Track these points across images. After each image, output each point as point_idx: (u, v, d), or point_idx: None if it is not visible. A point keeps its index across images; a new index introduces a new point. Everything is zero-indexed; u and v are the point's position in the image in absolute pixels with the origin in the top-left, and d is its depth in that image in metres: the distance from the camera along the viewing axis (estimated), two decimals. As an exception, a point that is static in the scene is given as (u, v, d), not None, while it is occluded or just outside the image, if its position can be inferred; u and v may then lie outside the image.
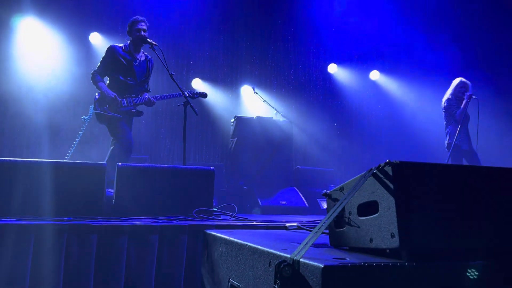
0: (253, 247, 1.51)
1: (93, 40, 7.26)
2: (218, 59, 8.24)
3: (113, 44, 4.72)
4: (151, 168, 3.77)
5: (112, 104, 4.53)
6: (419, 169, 1.24)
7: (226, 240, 1.83)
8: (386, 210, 1.21)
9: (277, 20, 8.55)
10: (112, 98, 4.52)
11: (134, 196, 3.43)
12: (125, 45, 4.69)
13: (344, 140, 8.81)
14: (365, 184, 1.32)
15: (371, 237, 1.28)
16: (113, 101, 4.52)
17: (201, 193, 3.63)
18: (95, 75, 4.61)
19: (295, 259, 1.17)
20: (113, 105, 4.54)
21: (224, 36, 8.26)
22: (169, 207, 3.47)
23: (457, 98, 5.87)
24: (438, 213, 1.21)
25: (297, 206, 5.83)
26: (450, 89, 5.99)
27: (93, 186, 3.33)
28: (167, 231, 2.68)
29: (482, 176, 1.31)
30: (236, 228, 2.79)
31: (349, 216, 1.42)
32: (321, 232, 1.24)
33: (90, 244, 2.49)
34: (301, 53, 8.73)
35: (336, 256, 1.23)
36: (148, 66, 4.79)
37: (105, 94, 4.53)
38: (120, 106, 4.57)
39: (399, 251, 1.17)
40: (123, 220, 2.95)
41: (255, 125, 6.51)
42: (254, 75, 8.41)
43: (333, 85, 8.86)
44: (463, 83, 5.88)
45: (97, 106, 4.57)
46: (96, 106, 4.58)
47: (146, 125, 7.41)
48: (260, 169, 6.36)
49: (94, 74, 4.62)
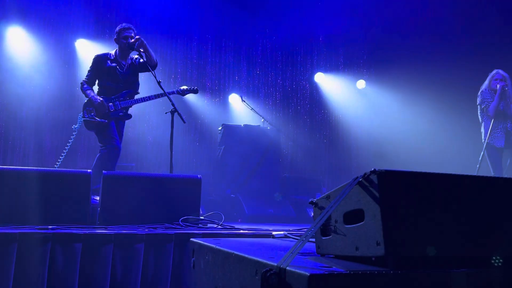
0: (240, 255, 1.51)
1: (79, 46, 7.22)
2: (206, 67, 8.25)
3: (98, 54, 4.75)
4: (137, 176, 3.74)
5: (99, 109, 4.53)
6: (404, 177, 1.25)
7: (212, 248, 1.83)
8: (372, 218, 1.22)
9: (264, 29, 8.60)
10: (99, 103, 4.52)
11: (120, 205, 3.40)
12: (111, 54, 4.71)
13: (331, 148, 8.86)
14: (351, 193, 1.33)
15: (357, 245, 1.29)
16: (100, 105, 4.52)
17: (188, 201, 3.62)
18: (83, 84, 4.67)
19: (282, 267, 1.17)
20: (100, 110, 4.53)
21: (212, 44, 8.28)
22: (156, 216, 3.45)
23: (491, 91, 5.24)
24: (423, 222, 1.23)
25: (284, 215, 5.84)
26: (485, 82, 5.35)
27: (78, 194, 3.29)
28: (153, 239, 2.66)
29: (468, 185, 1.33)
30: (223, 236, 2.78)
31: (335, 224, 1.43)
32: (307, 240, 1.24)
33: (75, 253, 2.46)
34: (288, 62, 8.79)
35: (323, 265, 1.24)
36: (134, 69, 4.77)
37: (92, 100, 4.53)
38: (107, 111, 4.56)
39: (384, 259, 1.18)
40: (109, 228, 2.92)
41: (242, 133, 6.52)
42: (242, 83, 8.44)
43: (320, 94, 8.93)
44: (499, 75, 5.24)
45: (85, 114, 4.58)
46: (84, 113, 4.60)
47: (132, 133, 7.37)
48: (247, 177, 6.36)
49: (83, 83, 4.68)
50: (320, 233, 1.54)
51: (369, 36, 8.78)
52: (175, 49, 7.98)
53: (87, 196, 3.33)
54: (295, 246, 1.22)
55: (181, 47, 8.02)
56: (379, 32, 8.67)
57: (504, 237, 1.30)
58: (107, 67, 4.63)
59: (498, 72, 5.25)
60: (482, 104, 5.25)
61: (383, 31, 8.63)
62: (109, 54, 4.72)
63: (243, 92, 8.21)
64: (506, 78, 5.20)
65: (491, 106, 5.13)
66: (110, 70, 4.63)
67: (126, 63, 4.74)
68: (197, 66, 8.17)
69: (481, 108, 5.29)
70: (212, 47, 8.28)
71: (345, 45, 8.96)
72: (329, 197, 1.52)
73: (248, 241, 2.19)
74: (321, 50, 8.96)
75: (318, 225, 1.31)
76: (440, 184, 1.30)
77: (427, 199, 1.25)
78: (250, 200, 5.87)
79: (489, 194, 1.33)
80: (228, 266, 1.61)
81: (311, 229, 1.27)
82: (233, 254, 1.56)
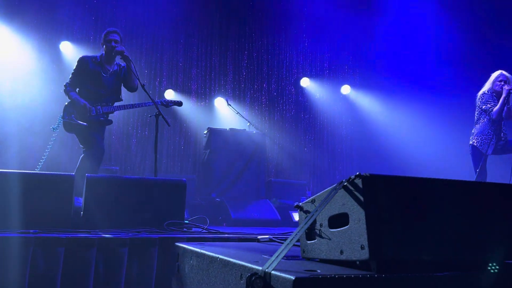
0: (225, 259, 1.50)
1: (64, 49, 7.13)
2: (192, 70, 8.22)
3: (84, 55, 4.69)
4: (121, 180, 3.71)
5: (81, 111, 4.47)
6: (388, 182, 1.26)
7: (197, 252, 1.82)
8: (356, 222, 1.22)
9: (251, 34, 8.62)
10: (82, 106, 4.46)
11: (103, 208, 3.36)
12: (97, 56, 4.65)
13: (317, 153, 8.91)
14: (336, 197, 1.33)
15: (342, 249, 1.30)
16: (82, 108, 4.46)
17: (173, 205, 3.59)
18: (66, 86, 4.60)
19: (267, 271, 1.17)
20: (82, 113, 4.47)
21: (198, 48, 8.26)
22: (140, 220, 3.42)
23: (494, 93, 5.03)
24: (408, 226, 1.24)
25: (269, 219, 5.83)
26: (487, 83, 5.12)
27: (60, 197, 3.24)
28: (137, 243, 2.63)
29: (451, 189, 1.35)
30: (208, 240, 2.77)
31: (320, 228, 1.43)
32: (292, 244, 1.24)
33: (57, 257, 2.42)
34: (274, 66, 8.82)
35: (307, 268, 1.24)
36: (119, 74, 4.73)
37: (75, 102, 4.47)
38: (89, 115, 4.50)
39: (368, 263, 1.19)
40: (92, 232, 2.89)
41: (228, 137, 6.51)
42: (228, 87, 8.43)
43: (306, 98, 8.98)
44: (504, 76, 5.01)
45: (65, 115, 4.51)
46: (64, 114, 4.53)
47: (116, 136, 7.31)
48: (232, 181, 6.34)
49: (66, 85, 4.61)
50: (305, 237, 1.54)
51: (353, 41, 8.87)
52: (160, 52, 7.94)
53: (69, 199, 3.28)
54: (280, 250, 1.22)
55: (167, 50, 7.99)
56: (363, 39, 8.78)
57: (487, 241, 1.32)
58: (91, 70, 4.56)
59: (502, 74, 5.04)
60: (484, 106, 5.00)
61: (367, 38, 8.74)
62: (94, 57, 4.65)
63: (229, 95, 8.21)
64: (510, 80, 5.01)
65: (495, 110, 4.90)
66: (93, 74, 4.57)
67: (111, 69, 4.68)
68: (182, 69, 8.14)
69: (482, 109, 5.05)
70: (198, 50, 8.26)
71: (330, 50, 9.04)
72: (314, 201, 1.53)
73: (233, 245, 2.18)
74: (306, 55, 9.01)
75: (303, 229, 1.31)
76: (424, 189, 1.31)
77: (411, 203, 1.27)
78: (235, 204, 5.85)
79: (473, 198, 1.35)
80: (213, 271, 1.60)
81: (296, 233, 1.28)
82: (218, 258, 1.56)
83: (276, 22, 8.65)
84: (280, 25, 8.69)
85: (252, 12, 8.57)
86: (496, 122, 4.96)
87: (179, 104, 5.00)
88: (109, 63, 4.66)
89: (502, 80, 4.99)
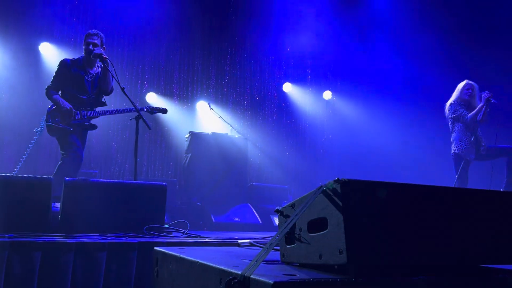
0: (204, 264, 1.50)
1: (43, 50, 7.02)
2: (174, 73, 8.19)
3: (66, 58, 4.61)
4: (101, 183, 3.67)
5: (65, 115, 4.40)
6: (367, 187, 1.28)
7: (176, 257, 1.80)
8: (335, 226, 1.24)
9: (233, 38, 8.64)
10: (67, 110, 4.40)
11: (82, 212, 3.31)
12: (79, 59, 4.59)
13: (298, 157, 8.96)
14: (315, 201, 1.34)
15: (321, 253, 1.30)
16: (67, 112, 4.40)
17: (153, 209, 3.56)
18: (49, 90, 4.50)
19: (246, 275, 1.17)
20: (67, 117, 4.41)
21: (181, 51, 8.23)
22: (119, 224, 3.38)
23: (462, 102, 5.28)
24: (385, 230, 1.25)
25: (250, 223, 5.83)
26: (454, 93, 5.37)
27: (38, 201, 3.19)
28: (116, 248, 2.60)
29: (430, 195, 1.37)
30: (188, 245, 2.76)
31: (300, 232, 1.44)
32: (272, 248, 1.25)
33: (33, 261, 2.37)
34: (257, 71, 8.85)
35: (286, 272, 1.24)
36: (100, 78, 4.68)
37: (60, 105, 4.40)
38: (73, 119, 4.44)
39: (346, 267, 1.20)
40: (70, 236, 2.84)
41: (210, 141, 6.49)
42: (210, 91, 8.42)
43: (288, 103, 9.02)
44: (470, 85, 5.28)
45: (49, 118, 4.43)
46: (48, 117, 4.44)
47: (96, 138, 7.21)
48: (214, 185, 6.32)
49: (48, 89, 4.51)
50: (284, 241, 1.55)
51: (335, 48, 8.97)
52: (142, 54, 7.89)
53: (47, 203, 3.23)
54: (259, 254, 1.23)
55: (149, 53, 7.94)
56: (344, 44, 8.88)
57: (463, 246, 1.34)
58: (73, 74, 4.49)
59: (468, 83, 5.31)
60: (454, 114, 5.22)
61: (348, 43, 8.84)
62: (75, 59, 4.57)
63: (211, 99, 8.19)
64: (475, 88, 5.28)
65: (470, 115, 5.11)
66: (76, 77, 4.50)
67: (94, 72, 4.62)
68: (164, 72, 8.09)
69: (452, 118, 5.26)
70: (181, 53, 8.24)
71: (312, 56, 9.11)
72: (294, 206, 1.54)
73: (213, 250, 2.17)
74: (289, 61, 9.07)
75: (282, 234, 1.32)
76: (403, 194, 1.33)
77: (390, 208, 1.28)
78: (216, 208, 5.83)
79: (451, 204, 1.38)
80: (192, 275, 1.59)
81: (275, 238, 1.28)
82: (198, 263, 1.55)
83: (259, 27, 8.68)
84: (263, 30, 8.72)
85: (235, 16, 8.59)
86: (470, 127, 5.13)
87: (163, 112, 4.97)
88: (91, 66, 4.60)
89: (469, 89, 5.27)
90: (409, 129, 7.88)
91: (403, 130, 7.97)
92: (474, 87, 5.27)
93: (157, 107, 4.91)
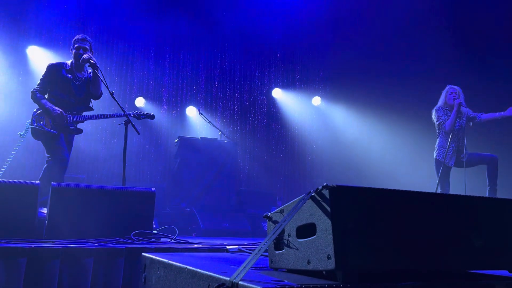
0: (192, 270, 1.49)
1: (31, 53, 6.96)
2: (163, 78, 8.16)
3: (54, 63, 4.56)
4: (88, 189, 3.63)
5: (57, 119, 4.36)
6: (355, 192, 1.29)
7: (164, 263, 1.79)
8: (323, 232, 1.24)
9: (224, 43, 8.65)
10: (58, 114, 4.35)
11: (69, 218, 3.27)
12: (67, 63, 4.55)
13: (288, 162, 8.97)
14: (304, 207, 1.35)
15: (309, 259, 1.31)
16: (58, 116, 4.35)
17: (141, 215, 3.54)
18: (35, 93, 4.43)
19: (234, 281, 1.17)
20: (58, 120, 4.36)
21: (170, 56, 8.22)
22: (107, 230, 3.35)
23: (447, 107, 5.31)
24: (373, 236, 1.26)
25: (239, 228, 5.82)
26: (440, 99, 5.40)
27: (24, 206, 3.15)
28: (103, 254, 2.57)
29: (417, 201, 1.38)
30: (176, 251, 2.74)
31: (288, 238, 1.44)
32: (260, 254, 1.24)
33: (19, 268, 2.34)
34: (246, 76, 8.86)
35: (275, 279, 1.24)
36: (89, 82, 4.65)
37: (49, 110, 4.34)
38: (66, 122, 4.40)
39: (334, 272, 1.20)
40: (56, 242, 2.81)
41: (199, 145, 6.48)
42: (200, 96, 8.41)
43: (277, 109, 9.05)
44: (453, 89, 5.31)
45: (34, 122, 4.38)
46: (32, 121, 4.39)
47: (84, 143, 7.14)
48: (203, 190, 6.30)
49: (35, 92, 4.43)
50: (273, 247, 1.55)
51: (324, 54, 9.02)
52: (131, 59, 7.86)
53: (33, 208, 3.19)
54: (248, 260, 1.22)
55: (138, 57, 7.91)
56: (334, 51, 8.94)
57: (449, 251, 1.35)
58: (61, 78, 4.45)
59: (451, 87, 5.34)
60: (438, 121, 5.29)
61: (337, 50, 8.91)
62: (64, 63, 4.54)
63: (201, 104, 8.18)
64: (459, 92, 5.29)
65: (447, 123, 5.17)
66: (64, 82, 4.46)
67: (82, 76, 4.60)
68: (154, 77, 8.07)
69: (438, 124, 5.33)
70: (170, 58, 8.22)
71: (301, 62, 9.16)
72: (282, 211, 1.54)
73: (202, 256, 2.16)
74: (278, 66, 9.10)
75: (271, 239, 1.32)
76: (391, 200, 1.34)
77: (377, 214, 1.29)
78: (205, 214, 5.81)
79: (437, 210, 1.39)
80: (180, 281, 1.58)
81: (264, 243, 1.28)
82: (186, 269, 1.54)
83: (248, 33, 8.70)
84: (252, 36, 8.75)
85: (225, 22, 8.61)
86: (452, 134, 5.15)
87: (151, 117, 4.92)
88: (79, 70, 4.58)
89: (452, 93, 5.28)
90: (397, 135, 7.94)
91: (392, 136, 8.02)
92: (458, 91, 5.29)
93: (145, 112, 4.87)
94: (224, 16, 8.57)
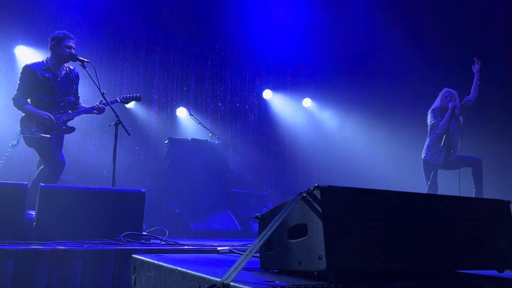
0: (183, 271, 1.48)
1: (19, 53, 6.87)
2: (154, 79, 8.12)
3: (28, 64, 4.41)
4: (77, 190, 3.60)
5: (45, 124, 4.28)
6: (347, 193, 1.29)
7: (154, 264, 1.78)
8: (315, 233, 1.24)
9: (214, 44, 8.63)
10: (47, 118, 4.27)
11: (57, 219, 3.24)
12: (43, 62, 4.43)
13: (278, 164, 8.98)
14: (295, 207, 1.35)
15: (300, 259, 1.30)
16: (46, 120, 4.28)
17: (131, 216, 3.52)
18: (17, 99, 4.31)
19: (225, 282, 1.16)
20: (47, 125, 4.29)
21: (160, 57, 8.18)
22: (96, 231, 3.32)
23: (443, 109, 5.41)
24: (365, 237, 1.26)
25: (230, 229, 5.81)
26: (436, 100, 5.53)
27: (12, 207, 3.11)
28: (92, 256, 2.55)
29: (407, 201, 1.39)
30: (167, 252, 2.72)
31: (280, 239, 1.44)
32: (251, 255, 1.24)
33: (6, 270, 2.31)
34: (237, 77, 8.85)
35: (266, 279, 1.24)
36: (71, 78, 4.57)
37: (35, 115, 4.26)
38: (55, 124, 4.34)
39: (326, 273, 1.20)
40: (45, 244, 2.78)
41: (189, 147, 6.45)
42: (190, 97, 8.38)
43: (268, 110, 9.05)
44: (449, 92, 5.43)
45: (24, 130, 4.27)
46: (23, 130, 4.28)
47: (73, 144, 7.06)
48: (193, 191, 6.28)
49: (16, 98, 4.31)
50: (264, 248, 1.54)
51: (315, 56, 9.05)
52: (121, 60, 7.80)
53: (22, 209, 3.15)
54: (239, 261, 1.22)
55: (128, 58, 7.86)
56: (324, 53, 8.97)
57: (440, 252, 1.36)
58: (41, 78, 4.33)
59: (447, 90, 5.45)
60: (432, 121, 5.38)
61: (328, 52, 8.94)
62: (40, 63, 4.41)
63: (191, 105, 8.15)
64: (455, 96, 5.41)
65: (441, 124, 5.25)
66: (44, 82, 4.34)
67: (61, 73, 4.50)
68: (144, 77, 8.02)
69: (430, 125, 5.43)
70: (160, 59, 8.18)
71: (292, 63, 9.18)
72: (273, 212, 1.53)
73: (192, 257, 2.15)
74: (269, 68, 9.11)
75: (262, 240, 1.31)
76: (381, 200, 1.34)
77: (369, 214, 1.30)
78: (195, 215, 5.79)
79: (427, 210, 1.40)
80: (171, 283, 1.57)
81: (255, 244, 1.28)
82: (176, 270, 1.53)
83: (239, 34, 8.70)
84: (243, 37, 8.75)
85: (216, 23, 8.59)
86: (443, 136, 5.23)
87: (138, 99, 4.85)
88: (57, 67, 4.46)
89: (448, 96, 5.40)
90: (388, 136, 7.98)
91: (383, 137, 8.07)
92: (454, 94, 5.40)
93: (131, 95, 4.79)
94: (215, 18, 8.56)
